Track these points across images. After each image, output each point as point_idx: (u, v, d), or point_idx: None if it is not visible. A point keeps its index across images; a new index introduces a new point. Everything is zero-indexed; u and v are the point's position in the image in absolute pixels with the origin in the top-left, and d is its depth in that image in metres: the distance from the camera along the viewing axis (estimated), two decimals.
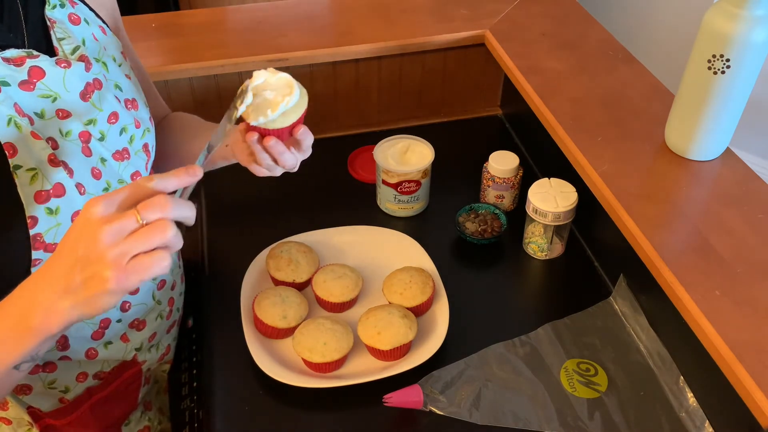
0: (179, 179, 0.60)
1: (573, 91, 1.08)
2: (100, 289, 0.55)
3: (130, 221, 0.55)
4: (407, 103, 1.36)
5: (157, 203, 0.56)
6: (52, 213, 0.69)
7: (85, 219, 0.56)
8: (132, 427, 0.93)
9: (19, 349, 0.59)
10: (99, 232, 0.54)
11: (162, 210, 0.56)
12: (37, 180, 0.67)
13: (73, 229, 0.57)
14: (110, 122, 0.77)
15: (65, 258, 0.56)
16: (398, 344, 0.88)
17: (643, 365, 0.91)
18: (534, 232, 1.04)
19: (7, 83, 0.66)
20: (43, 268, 0.59)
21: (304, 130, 0.77)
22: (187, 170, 0.60)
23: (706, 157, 0.94)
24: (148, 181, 0.58)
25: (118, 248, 0.55)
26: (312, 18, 1.31)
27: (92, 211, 0.55)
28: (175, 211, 0.57)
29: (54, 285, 0.57)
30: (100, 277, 0.55)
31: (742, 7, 0.81)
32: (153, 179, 0.58)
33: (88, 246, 0.55)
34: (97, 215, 0.55)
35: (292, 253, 0.99)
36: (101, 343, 0.82)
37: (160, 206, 0.56)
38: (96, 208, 0.55)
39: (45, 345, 0.61)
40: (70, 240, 0.57)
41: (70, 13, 0.76)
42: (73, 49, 0.74)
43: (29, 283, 0.60)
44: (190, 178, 0.60)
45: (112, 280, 0.55)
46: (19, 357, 0.60)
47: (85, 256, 0.55)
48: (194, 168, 0.61)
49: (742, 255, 0.81)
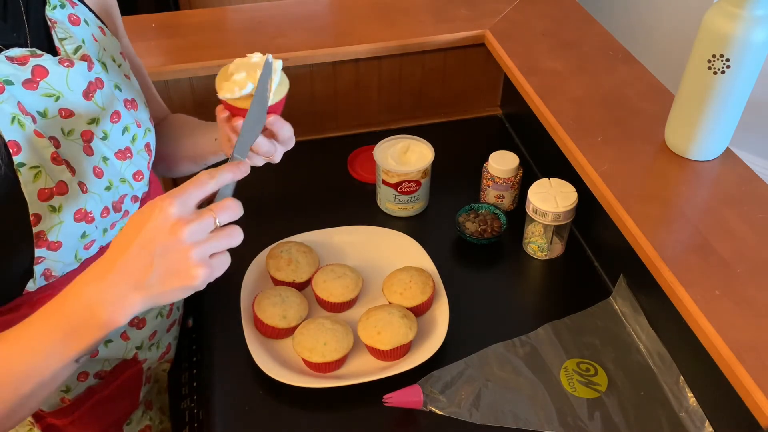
0: (234, 174, 0.65)
1: (573, 91, 1.08)
2: (187, 284, 0.59)
3: (209, 222, 0.60)
4: (407, 103, 1.36)
5: (230, 207, 0.62)
6: (55, 211, 0.69)
7: (163, 218, 0.58)
8: (133, 426, 0.93)
9: (85, 341, 0.61)
10: (181, 232, 0.58)
11: (234, 214, 0.62)
12: (41, 178, 0.68)
13: (144, 226, 0.58)
14: (113, 121, 0.77)
15: (139, 255, 0.58)
16: (398, 344, 0.88)
17: (643, 365, 0.91)
18: (534, 232, 1.04)
19: (10, 82, 0.67)
20: (110, 262, 0.59)
21: (275, 119, 0.73)
22: (239, 166, 0.66)
23: (706, 157, 0.94)
24: (211, 178, 0.62)
25: (202, 248, 0.59)
26: (312, 18, 1.31)
27: (170, 211, 0.58)
28: (240, 214, 0.63)
29: (126, 280, 0.59)
30: (187, 274, 0.58)
31: (742, 7, 0.81)
32: (215, 176, 0.62)
33: (168, 245, 0.58)
34: (176, 216, 0.58)
35: (292, 253, 0.99)
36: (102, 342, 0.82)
37: (233, 210, 0.62)
38: (173, 209, 0.58)
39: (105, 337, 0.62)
40: (144, 237, 0.58)
41: (70, 14, 0.76)
42: (75, 49, 0.74)
43: (96, 276, 0.60)
44: (242, 173, 0.66)
45: (201, 277, 0.59)
46: (83, 350, 0.62)
47: (164, 254, 0.58)
48: (244, 163, 0.66)
49: (742, 255, 0.81)
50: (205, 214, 0.60)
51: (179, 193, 0.59)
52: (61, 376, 0.64)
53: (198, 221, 0.59)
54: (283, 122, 0.75)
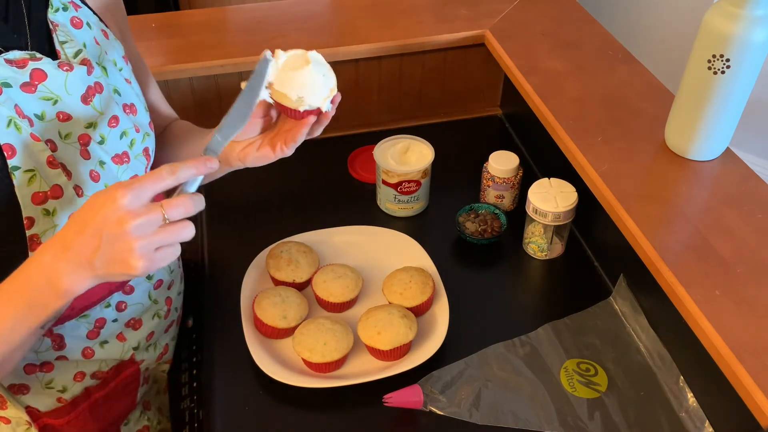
0: (198, 170, 0.64)
1: (573, 91, 1.08)
2: (126, 272, 0.60)
3: (157, 218, 0.60)
4: (407, 103, 1.36)
5: (181, 204, 0.61)
6: (49, 214, 0.69)
7: (113, 207, 0.59)
8: (131, 426, 0.93)
9: (47, 309, 0.63)
10: (128, 224, 0.58)
11: (186, 210, 0.62)
12: (35, 181, 0.68)
13: (98, 212, 0.59)
14: (111, 126, 0.77)
15: (89, 238, 0.60)
16: (398, 344, 0.88)
17: (643, 365, 0.91)
18: (534, 232, 1.04)
19: (8, 85, 0.66)
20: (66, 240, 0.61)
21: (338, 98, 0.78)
22: (205, 162, 0.64)
23: (706, 157, 0.94)
24: (170, 174, 0.61)
25: (146, 241, 0.59)
26: (312, 18, 1.31)
27: (121, 201, 0.59)
28: (195, 210, 0.62)
29: (78, 258, 0.61)
30: (127, 264, 0.60)
31: (742, 7, 0.81)
32: (176, 172, 0.62)
33: (115, 234, 0.59)
34: (126, 207, 0.59)
35: (292, 253, 0.99)
36: (97, 343, 0.82)
37: (184, 206, 0.61)
38: (124, 200, 0.59)
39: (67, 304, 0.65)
40: (94, 223, 0.59)
41: (73, 17, 0.76)
42: (76, 53, 0.74)
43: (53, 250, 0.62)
44: (207, 169, 0.64)
45: (140, 268, 0.60)
46: (47, 317, 0.64)
47: (110, 242, 0.59)
48: (212, 159, 0.65)
49: (742, 255, 0.81)
50: (154, 210, 0.60)
51: (135, 186, 0.60)
52: (29, 342, 0.68)
53: (146, 216, 0.59)
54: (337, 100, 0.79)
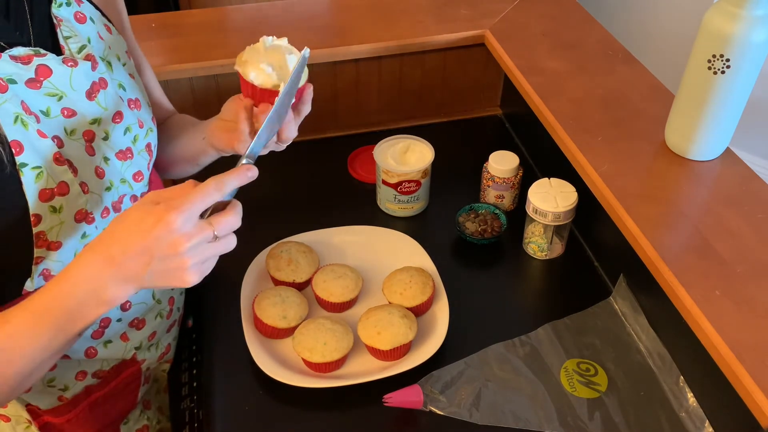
0: (241, 180, 0.67)
1: (573, 91, 1.08)
2: (176, 283, 0.64)
3: (209, 236, 0.63)
4: (407, 103, 1.36)
5: (230, 222, 0.65)
6: (56, 211, 0.69)
7: (167, 231, 0.61)
8: (131, 426, 0.93)
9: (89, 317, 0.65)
10: (182, 246, 0.61)
11: (232, 228, 0.66)
12: (42, 178, 0.68)
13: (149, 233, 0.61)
14: (115, 122, 0.77)
15: (139, 257, 0.62)
16: (398, 344, 0.88)
17: (643, 365, 0.91)
18: (534, 232, 1.04)
19: (14, 81, 0.66)
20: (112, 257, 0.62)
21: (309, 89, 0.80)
22: (248, 170, 0.67)
23: (706, 157, 0.94)
24: (216, 190, 0.64)
25: (198, 258, 0.63)
26: (312, 18, 1.31)
27: (175, 227, 0.61)
28: (238, 225, 0.66)
29: (125, 274, 0.63)
30: (181, 279, 0.64)
31: (742, 7, 0.81)
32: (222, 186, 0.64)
33: (168, 255, 0.62)
34: (179, 231, 0.61)
35: (292, 253, 0.99)
36: (101, 342, 0.82)
37: (231, 225, 0.65)
38: (177, 224, 0.61)
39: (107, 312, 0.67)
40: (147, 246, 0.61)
41: (76, 12, 0.76)
42: (80, 48, 0.74)
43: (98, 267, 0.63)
44: (248, 178, 0.67)
45: (194, 283, 0.65)
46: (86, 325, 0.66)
47: (163, 260, 0.62)
48: (251, 168, 0.68)
49: (742, 255, 0.81)
50: (206, 230, 0.63)
51: (185, 208, 0.62)
52: (65, 349, 0.68)
53: (198, 236, 0.62)
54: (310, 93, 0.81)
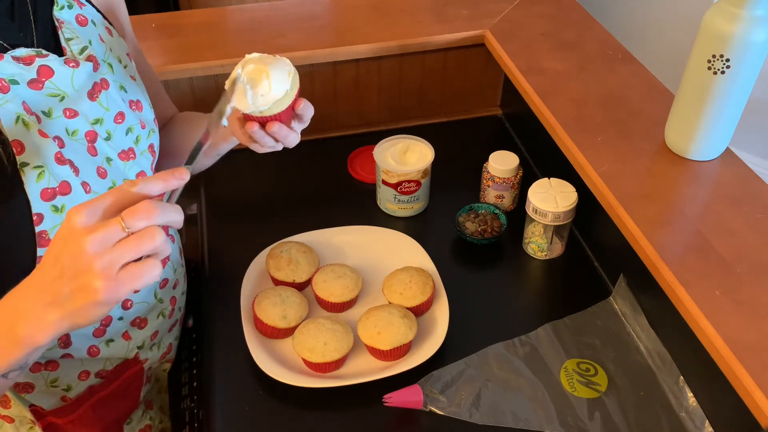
0: (166, 183, 0.57)
1: (573, 91, 1.08)
2: (90, 299, 0.54)
3: (115, 229, 0.53)
4: (407, 103, 1.36)
5: (142, 210, 0.54)
6: (58, 211, 0.69)
7: (68, 229, 0.54)
8: (133, 425, 0.93)
9: (6, 359, 0.59)
10: (83, 242, 0.53)
11: (148, 217, 0.54)
12: (44, 177, 0.68)
13: (57, 239, 0.55)
14: (117, 122, 0.77)
15: (50, 269, 0.55)
16: (398, 344, 0.88)
17: (643, 365, 0.91)
18: (534, 232, 1.04)
19: (16, 81, 0.67)
20: (30, 277, 0.57)
21: (305, 105, 0.76)
22: (173, 173, 0.58)
23: (706, 157, 0.94)
24: (131, 185, 0.56)
25: (105, 258, 0.53)
26: (312, 18, 1.31)
27: (74, 220, 0.54)
28: (161, 216, 0.55)
29: (40, 296, 0.56)
30: (89, 287, 0.53)
31: (742, 7, 0.81)
32: (137, 183, 0.56)
33: (73, 256, 0.53)
34: (80, 224, 0.54)
35: (292, 253, 0.99)
36: (103, 341, 0.82)
37: (145, 213, 0.54)
38: (78, 217, 0.54)
39: (33, 355, 0.60)
40: (54, 250, 0.55)
41: (78, 14, 0.77)
42: (81, 49, 0.75)
43: (16, 293, 0.58)
44: (176, 181, 0.58)
45: (102, 291, 0.53)
46: (7, 366, 0.59)
47: (70, 266, 0.54)
48: (180, 170, 0.58)
49: (742, 255, 0.81)
50: (111, 222, 0.54)
51: (90, 201, 0.55)
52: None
53: (101, 230, 0.53)
54: (309, 105, 0.77)
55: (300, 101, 0.76)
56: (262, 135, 0.76)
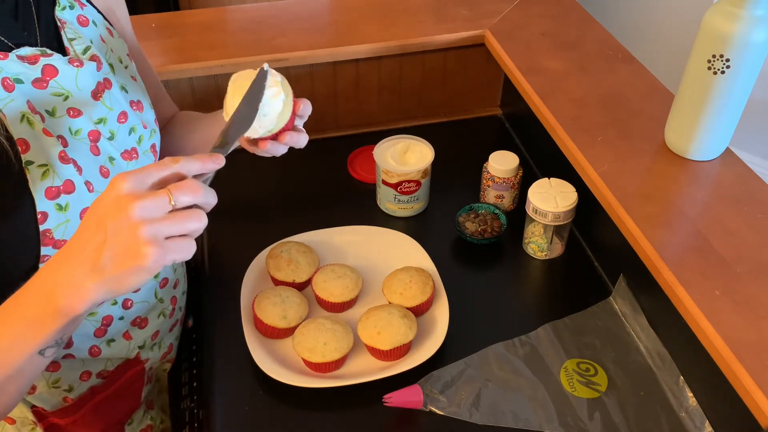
0: (204, 164, 0.59)
1: (573, 91, 1.08)
2: (137, 264, 0.54)
3: (163, 201, 0.54)
4: (407, 103, 1.36)
5: (189, 187, 0.56)
6: (62, 209, 0.69)
7: (114, 195, 0.54)
8: (135, 426, 0.93)
9: (45, 331, 0.58)
10: (131, 207, 0.53)
11: (194, 194, 0.56)
12: (48, 176, 0.68)
13: (99, 206, 0.55)
14: (120, 122, 0.78)
15: (92, 235, 0.55)
16: (398, 344, 0.88)
17: (643, 365, 0.91)
18: (534, 232, 1.04)
19: (20, 80, 0.67)
20: (68, 246, 0.57)
21: (305, 105, 0.77)
22: (211, 157, 0.60)
23: (706, 157, 0.94)
24: (174, 161, 0.57)
25: (153, 226, 0.54)
26: (312, 18, 1.31)
27: (121, 186, 0.54)
28: (204, 196, 0.57)
29: (81, 263, 0.55)
30: (136, 253, 0.53)
31: (742, 7, 0.81)
32: (179, 160, 0.57)
33: (119, 222, 0.53)
34: (127, 190, 0.54)
35: (292, 253, 0.99)
36: (104, 341, 0.82)
37: (192, 190, 0.56)
38: (125, 183, 0.54)
39: (71, 327, 0.60)
40: (96, 216, 0.55)
41: (79, 15, 0.77)
42: (84, 49, 0.75)
43: (53, 263, 0.58)
44: (213, 164, 0.60)
45: (151, 256, 0.53)
46: (45, 340, 0.59)
47: (115, 231, 0.54)
48: (218, 156, 0.61)
49: (742, 255, 0.81)
50: (160, 193, 0.55)
51: (136, 171, 0.56)
52: (28, 371, 0.62)
53: (150, 198, 0.54)
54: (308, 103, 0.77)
55: (299, 104, 0.75)
56: (276, 147, 0.76)
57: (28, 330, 0.58)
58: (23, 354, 0.59)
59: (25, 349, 0.59)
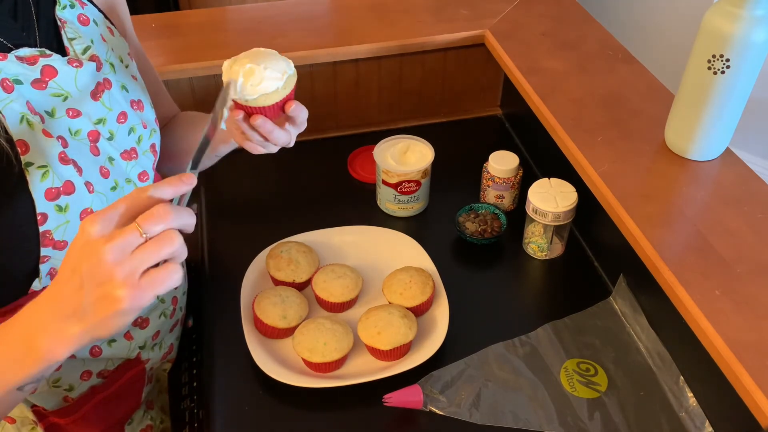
0: (174, 188, 0.57)
1: (573, 91, 1.08)
2: (113, 309, 0.53)
3: (133, 236, 0.53)
4: (407, 103, 1.36)
5: (157, 214, 0.54)
6: (62, 210, 0.69)
7: (85, 239, 0.54)
8: (135, 426, 0.93)
9: (24, 372, 0.58)
10: (102, 251, 0.52)
11: (163, 221, 0.54)
12: (48, 177, 0.68)
13: (73, 251, 0.55)
14: (119, 122, 0.77)
15: (68, 281, 0.55)
16: (398, 344, 0.88)
17: (643, 365, 0.91)
18: (534, 232, 1.04)
19: (20, 81, 0.67)
20: (49, 290, 0.57)
21: (296, 106, 0.75)
22: (180, 178, 0.58)
23: (706, 157, 0.94)
24: (143, 191, 0.56)
25: (126, 265, 0.53)
26: (312, 18, 1.31)
27: (90, 230, 0.53)
28: (176, 219, 0.55)
29: (61, 310, 0.55)
30: (111, 297, 0.53)
31: (742, 7, 0.81)
32: (148, 189, 0.56)
33: (92, 267, 0.53)
34: (96, 234, 0.53)
35: (292, 253, 0.99)
36: (105, 341, 0.82)
37: (160, 217, 0.54)
38: (93, 227, 0.53)
39: (51, 369, 0.60)
40: (72, 261, 0.55)
41: (80, 14, 0.77)
42: (84, 49, 0.75)
43: (34, 306, 0.58)
44: (185, 186, 0.58)
45: (126, 299, 0.53)
46: (23, 380, 0.59)
47: (90, 277, 0.53)
48: (188, 176, 0.58)
49: (742, 255, 0.81)
50: (128, 229, 0.53)
51: (103, 210, 0.55)
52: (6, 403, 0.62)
53: (119, 237, 0.53)
54: (302, 107, 0.76)
55: (291, 103, 0.75)
56: (246, 127, 0.76)
57: (8, 369, 0.58)
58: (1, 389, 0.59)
59: (3, 385, 0.59)
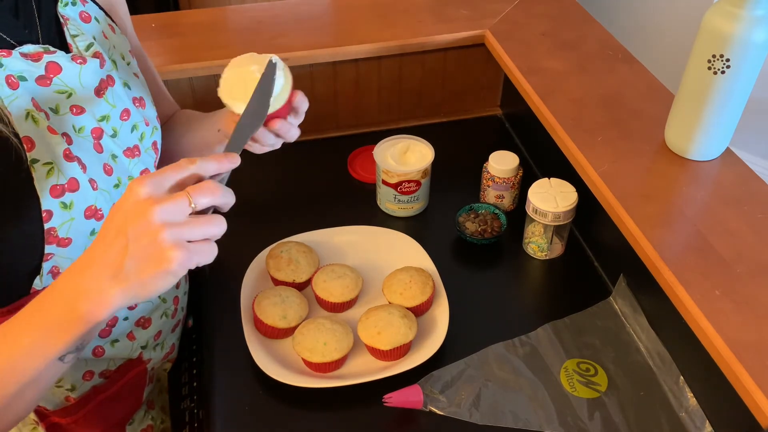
0: (220, 164, 0.59)
1: (573, 91, 1.08)
2: (162, 269, 0.53)
3: (183, 203, 0.54)
4: (407, 103, 1.36)
5: (207, 188, 0.55)
6: (66, 207, 0.69)
7: (134, 200, 0.54)
8: (135, 426, 0.94)
9: (65, 337, 0.58)
10: (151, 212, 0.53)
11: (213, 196, 0.56)
12: (53, 174, 0.68)
13: (118, 211, 0.55)
14: (122, 119, 0.77)
15: (113, 241, 0.54)
16: (398, 344, 0.88)
17: (643, 365, 0.91)
18: (534, 232, 1.04)
19: (24, 78, 0.67)
20: (89, 252, 0.57)
21: (301, 96, 0.76)
22: (227, 156, 0.60)
23: (706, 157, 0.94)
24: (190, 162, 0.57)
25: (175, 230, 0.53)
26: (312, 18, 1.31)
27: (140, 190, 0.54)
28: (222, 197, 0.57)
29: (103, 270, 0.55)
30: (162, 257, 0.53)
31: (742, 7, 0.81)
32: (195, 161, 0.57)
33: (140, 227, 0.53)
34: (146, 195, 0.54)
35: (292, 253, 0.99)
36: (108, 341, 0.82)
37: (211, 192, 0.55)
38: (144, 188, 0.54)
39: (91, 333, 0.60)
40: (116, 222, 0.55)
41: (81, 11, 0.77)
42: (87, 46, 0.75)
43: (75, 269, 0.57)
44: (230, 164, 0.60)
45: (177, 259, 0.53)
46: (66, 346, 0.59)
47: (136, 237, 0.53)
48: (234, 155, 0.60)
49: (742, 255, 0.81)
50: (179, 195, 0.54)
51: (153, 174, 0.55)
52: (47, 376, 0.62)
53: (170, 201, 0.54)
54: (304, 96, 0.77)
55: (296, 93, 0.76)
56: (264, 133, 0.76)
57: (49, 336, 0.58)
58: (43, 360, 0.59)
59: (46, 354, 0.59)
